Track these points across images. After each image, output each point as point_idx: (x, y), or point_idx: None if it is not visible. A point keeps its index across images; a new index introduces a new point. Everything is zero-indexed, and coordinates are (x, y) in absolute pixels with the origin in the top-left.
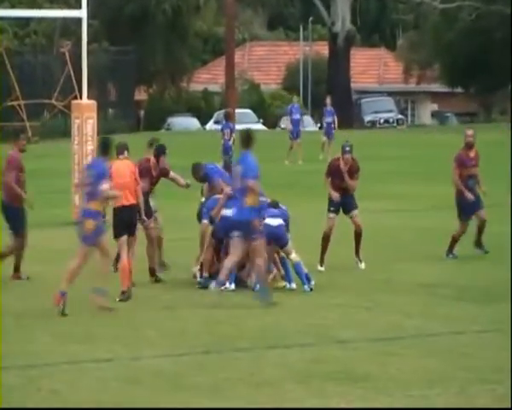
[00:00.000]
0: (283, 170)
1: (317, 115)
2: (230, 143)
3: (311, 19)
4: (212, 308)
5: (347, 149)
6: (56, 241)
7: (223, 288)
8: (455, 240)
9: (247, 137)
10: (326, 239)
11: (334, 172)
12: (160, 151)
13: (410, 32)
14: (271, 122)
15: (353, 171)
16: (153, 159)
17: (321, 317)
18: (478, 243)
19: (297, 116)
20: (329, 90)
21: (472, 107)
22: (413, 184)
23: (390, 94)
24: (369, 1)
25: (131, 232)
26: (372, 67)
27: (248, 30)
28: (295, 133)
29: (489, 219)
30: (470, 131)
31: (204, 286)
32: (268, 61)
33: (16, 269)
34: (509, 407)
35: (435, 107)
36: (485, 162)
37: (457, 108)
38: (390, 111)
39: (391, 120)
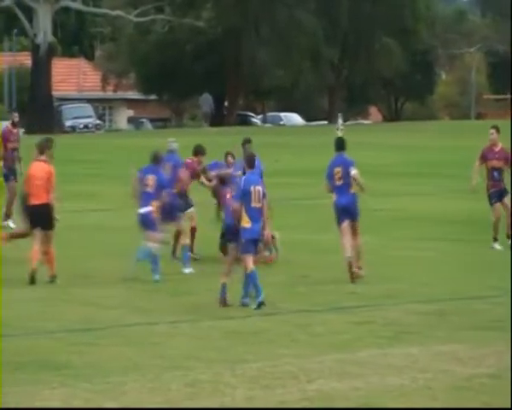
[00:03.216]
0: None
1: (22, 122)
2: None
3: (15, 31)
4: None
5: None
6: None
7: None
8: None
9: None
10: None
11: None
12: None
13: (107, 43)
14: None
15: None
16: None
17: (22, 309)
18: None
19: None
20: (32, 98)
21: (165, 113)
22: (108, 185)
23: (89, 101)
24: (69, 15)
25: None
26: (72, 76)
27: None
28: None
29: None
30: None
31: None
32: None
33: None
34: (509, 407)
35: (131, 113)
36: None
37: (151, 114)
38: (89, 117)
39: (90, 126)
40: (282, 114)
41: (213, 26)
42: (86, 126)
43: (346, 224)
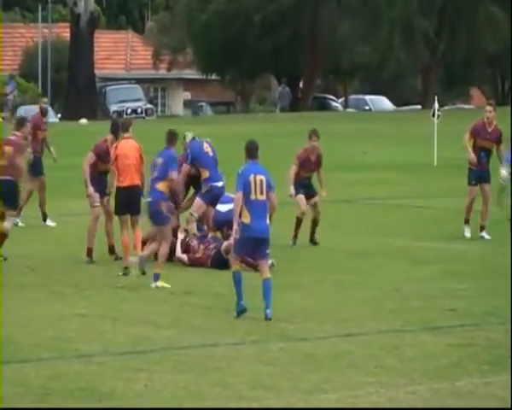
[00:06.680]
0: None
1: (58, 105)
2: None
3: None
4: None
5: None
6: None
7: None
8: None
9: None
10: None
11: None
12: None
13: (160, 13)
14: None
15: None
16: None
17: (61, 328)
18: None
19: None
20: (71, 77)
21: (228, 95)
22: None
23: (138, 81)
24: None
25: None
26: (118, 52)
27: None
28: None
29: None
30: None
31: None
32: (3, 44)
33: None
34: (509, 407)
35: (188, 95)
36: None
37: (212, 97)
38: (138, 100)
39: (139, 111)
40: (368, 98)
41: None
42: (135, 111)
43: None
